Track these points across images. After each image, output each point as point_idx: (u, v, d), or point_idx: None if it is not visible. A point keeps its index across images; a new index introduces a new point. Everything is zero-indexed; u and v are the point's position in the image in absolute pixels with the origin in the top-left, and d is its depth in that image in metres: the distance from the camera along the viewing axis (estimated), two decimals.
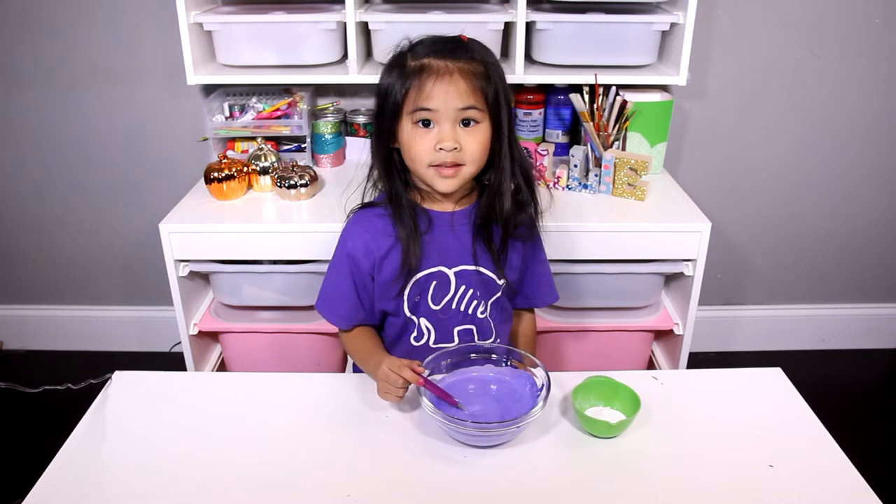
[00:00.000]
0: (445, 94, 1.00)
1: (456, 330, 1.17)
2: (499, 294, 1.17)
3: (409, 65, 1.02)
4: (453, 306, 1.15)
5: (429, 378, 0.99)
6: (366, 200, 1.16)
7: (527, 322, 1.30)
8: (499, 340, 1.21)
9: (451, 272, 1.13)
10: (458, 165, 1.04)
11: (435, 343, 1.16)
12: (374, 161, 1.11)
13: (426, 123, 1.03)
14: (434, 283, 1.12)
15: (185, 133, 1.93)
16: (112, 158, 1.99)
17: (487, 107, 1.03)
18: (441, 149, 1.02)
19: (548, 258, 1.25)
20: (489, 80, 1.03)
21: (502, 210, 1.09)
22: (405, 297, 1.13)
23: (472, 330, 1.17)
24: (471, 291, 1.14)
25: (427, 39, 1.05)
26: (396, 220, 1.09)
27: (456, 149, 1.02)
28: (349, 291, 1.13)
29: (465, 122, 1.03)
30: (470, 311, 1.16)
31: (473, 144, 1.04)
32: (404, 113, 1.03)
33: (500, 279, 1.15)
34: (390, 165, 1.10)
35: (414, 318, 1.15)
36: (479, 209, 1.12)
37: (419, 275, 1.11)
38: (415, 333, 1.16)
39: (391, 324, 1.18)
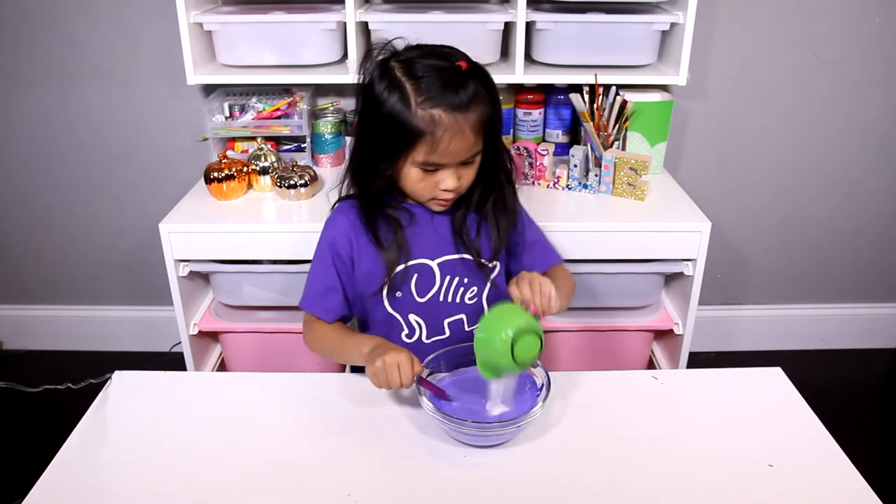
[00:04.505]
0: (457, 150, 1.00)
1: (446, 322, 1.16)
2: (495, 274, 1.17)
3: (417, 112, 0.98)
4: (440, 298, 1.15)
5: (427, 378, 1.00)
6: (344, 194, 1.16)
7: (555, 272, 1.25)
8: None
9: (434, 263, 1.13)
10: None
11: (428, 338, 1.16)
12: (357, 177, 1.10)
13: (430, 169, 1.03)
14: (416, 275, 1.12)
15: (185, 133, 1.93)
16: (112, 159, 1.99)
17: (484, 140, 1.04)
18: (444, 189, 1.04)
19: None
20: (490, 118, 1.02)
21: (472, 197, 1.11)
22: (386, 293, 1.12)
23: (462, 319, 1.17)
24: (456, 280, 1.14)
25: (430, 74, 0.99)
26: (373, 224, 1.09)
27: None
28: (335, 282, 1.13)
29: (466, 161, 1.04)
30: (458, 300, 1.16)
31: (470, 176, 1.06)
32: (409, 156, 1.01)
33: (490, 263, 1.15)
34: (372, 182, 1.09)
35: (400, 314, 1.15)
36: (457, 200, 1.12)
37: (400, 267, 1.10)
38: (406, 330, 1.16)
39: (378, 323, 1.17)
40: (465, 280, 1.15)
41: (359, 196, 1.11)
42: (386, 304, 1.14)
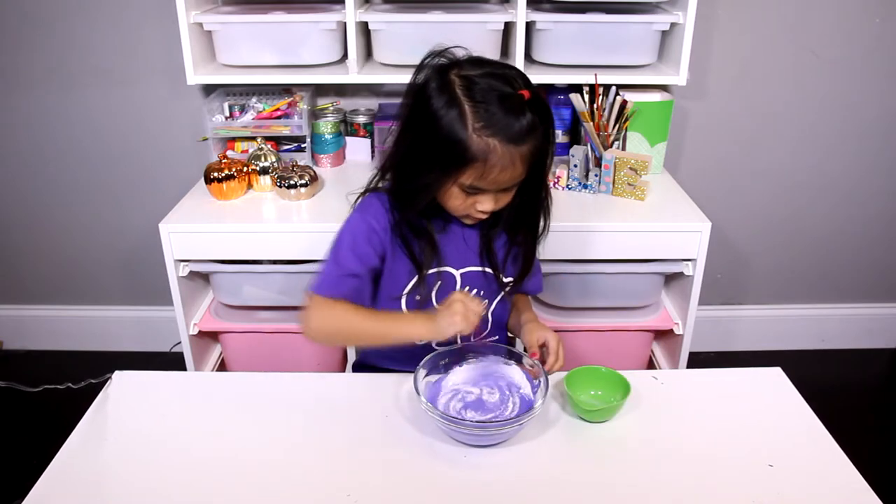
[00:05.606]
0: (503, 180, 0.99)
1: None
2: (506, 290, 1.17)
3: (473, 137, 0.95)
4: None
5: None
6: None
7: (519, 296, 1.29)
8: (497, 338, 1.22)
9: (457, 273, 1.13)
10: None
11: (438, 343, 1.16)
12: (399, 180, 1.07)
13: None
14: (439, 282, 1.12)
15: (185, 133, 1.93)
16: (112, 158, 1.99)
17: (530, 169, 1.02)
18: (480, 210, 1.03)
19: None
20: (542, 150, 1.00)
21: (509, 217, 1.10)
22: (407, 295, 1.12)
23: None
24: (474, 291, 1.15)
25: (491, 99, 0.95)
26: (408, 226, 1.08)
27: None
28: (361, 269, 1.08)
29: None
30: None
31: (507, 200, 1.05)
32: (456, 177, 1.00)
33: (506, 278, 1.16)
34: (415, 189, 1.05)
35: None
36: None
37: (431, 270, 1.10)
38: None
39: None
40: (482, 293, 1.15)
41: (397, 197, 1.08)
42: (403, 305, 1.13)
